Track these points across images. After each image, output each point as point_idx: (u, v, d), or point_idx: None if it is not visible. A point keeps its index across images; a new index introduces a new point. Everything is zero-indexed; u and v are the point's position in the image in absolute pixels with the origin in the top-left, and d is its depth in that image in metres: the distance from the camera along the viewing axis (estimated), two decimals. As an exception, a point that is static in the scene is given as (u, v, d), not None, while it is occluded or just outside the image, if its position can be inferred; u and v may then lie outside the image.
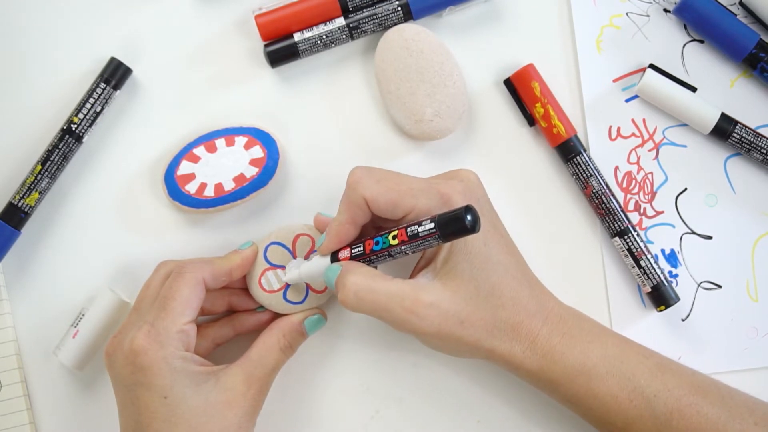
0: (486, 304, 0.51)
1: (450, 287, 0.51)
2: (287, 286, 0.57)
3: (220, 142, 0.58)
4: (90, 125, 0.58)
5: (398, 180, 0.53)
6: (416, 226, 0.49)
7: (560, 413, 0.60)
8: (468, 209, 0.46)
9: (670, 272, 0.61)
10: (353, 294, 0.50)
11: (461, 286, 0.51)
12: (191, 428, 0.50)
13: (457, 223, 0.46)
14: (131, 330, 0.52)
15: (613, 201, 0.59)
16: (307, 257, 0.57)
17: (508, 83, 0.60)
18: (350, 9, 0.59)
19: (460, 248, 0.51)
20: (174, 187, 0.57)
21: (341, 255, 0.53)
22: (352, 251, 0.52)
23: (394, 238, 0.50)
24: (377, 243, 0.51)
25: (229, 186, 0.57)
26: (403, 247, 0.49)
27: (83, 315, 0.57)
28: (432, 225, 0.48)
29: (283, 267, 0.57)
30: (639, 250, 0.59)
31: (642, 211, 0.61)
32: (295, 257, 0.57)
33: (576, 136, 0.59)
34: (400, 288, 0.50)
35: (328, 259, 0.53)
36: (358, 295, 0.50)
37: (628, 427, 0.52)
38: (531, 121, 0.60)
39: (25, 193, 0.57)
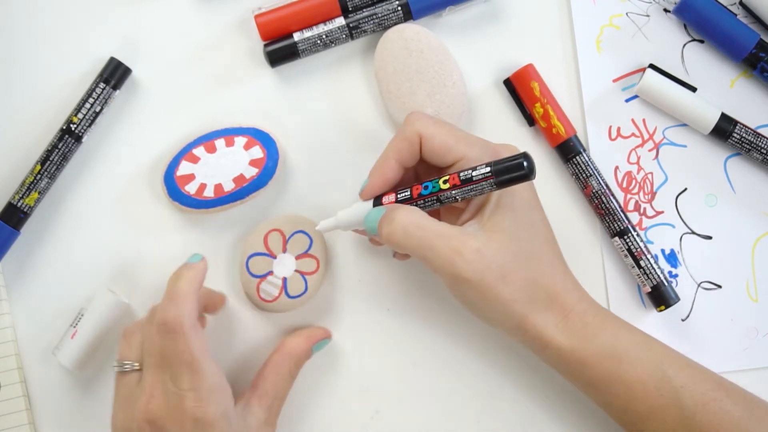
0: (527, 266, 0.51)
1: (495, 239, 0.50)
2: (285, 287, 0.57)
3: (219, 143, 0.58)
4: (89, 125, 0.58)
5: (455, 128, 0.53)
6: (470, 171, 0.49)
7: (561, 412, 0.60)
8: (525, 155, 0.47)
9: (670, 272, 0.61)
10: (402, 228, 0.49)
11: (505, 242, 0.50)
12: None
13: (515, 168, 0.47)
14: (170, 395, 0.50)
15: (613, 201, 0.59)
16: (284, 251, 0.57)
17: (508, 83, 0.60)
18: (350, 9, 0.59)
19: (507, 205, 0.51)
20: (174, 188, 0.57)
21: (385, 200, 0.52)
22: (398, 196, 0.52)
23: (445, 182, 0.50)
24: (426, 187, 0.50)
25: (228, 186, 0.57)
26: (453, 192, 0.49)
27: (82, 315, 0.57)
28: (488, 169, 0.48)
29: (268, 274, 0.57)
30: (639, 250, 0.59)
31: (642, 211, 0.61)
32: (275, 256, 0.57)
33: (576, 136, 0.59)
34: (448, 229, 0.50)
35: (370, 204, 0.53)
36: (408, 229, 0.49)
37: (651, 415, 0.51)
38: (531, 121, 0.60)
39: (25, 193, 0.57)
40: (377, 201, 0.53)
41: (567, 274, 0.54)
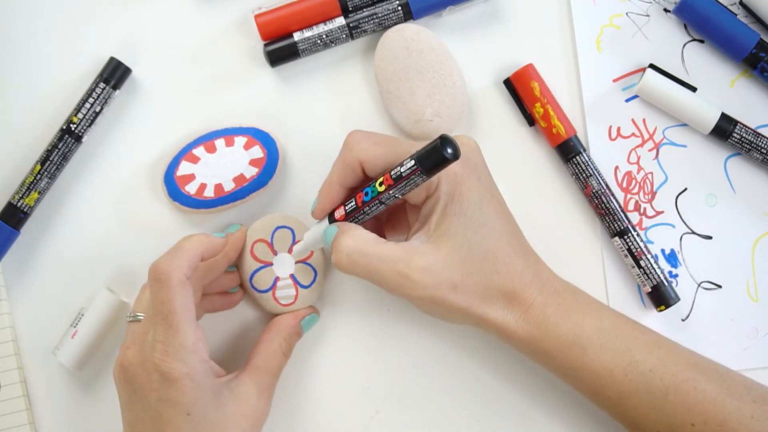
0: (480, 269, 0.51)
1: (443, 249, 0.51)
2: (297, 282, 0.57)
3: (219, 143, 0.58)
4: (89, 125, 0.58)
5: (396, 143, 0.53)
6: (399, 168, 0.49)
7: (560, 413, 0.60)
8: (442, 137, 0.46)
9: (670, 272, 0.61)
10: (346, 256, 0.50)
11: (454, 249, 0.51)
12: None
13: (435, 153, 0.46)
14: (145, 345, 0.50)
15: (613, 201, 0.59)
16: (275, 254, 0.57)
17: (508, 83, 0.60)
18: (350, 8, 0.59)
19: (454, 210, 0.51)
20: (174, 188, 0.57)
21: (337, 214, 0.53)
22: (346, 208, 0.53)
23: (380, 184, 0.50)
24: (366, 194, 0.51)
25: (228, 186, 0.57)
26: (391, 192, 0.50)
27: (82, 315, 0.57)
28: (412, 162, 0.48)
29: (276, 281, 0.57)
30: (639, 250, 0.59)
31: (642, 211, 0.61)
32: (271, 263, 0.57)
33: (576, 136, 0.59)
34: (392, 251, 0.50)
35: (326, 221, 0.54)
36: (351, 257, 0.50)
37: (622, 400, 0.52)
38: (531, 121, 0.60)
39: (25, 193, 0.57)
40: (331, 217, 0.54)
41: (527, 266, 0.53)
